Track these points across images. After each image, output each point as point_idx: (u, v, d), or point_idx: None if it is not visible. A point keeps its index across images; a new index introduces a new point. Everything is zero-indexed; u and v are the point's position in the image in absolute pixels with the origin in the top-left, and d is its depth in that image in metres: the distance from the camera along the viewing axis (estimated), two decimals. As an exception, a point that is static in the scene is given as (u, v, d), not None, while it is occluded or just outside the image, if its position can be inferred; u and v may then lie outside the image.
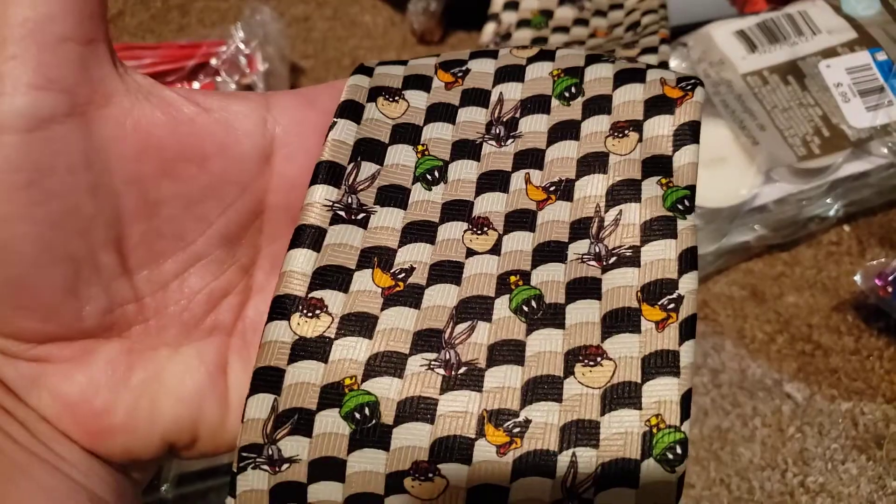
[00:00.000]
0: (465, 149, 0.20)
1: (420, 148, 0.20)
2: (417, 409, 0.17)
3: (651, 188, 0.18)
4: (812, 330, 0.43)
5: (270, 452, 0.17)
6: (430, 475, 0.16)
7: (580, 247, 0.18)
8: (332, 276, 0.18)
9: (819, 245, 0.46)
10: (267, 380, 0.17)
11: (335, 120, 0.19)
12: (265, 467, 0.17)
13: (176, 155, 0.18)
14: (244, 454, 0.17)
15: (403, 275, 0.18)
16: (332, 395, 0.17)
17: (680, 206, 0.18)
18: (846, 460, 0.39)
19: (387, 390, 0.17)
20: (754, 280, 0.45)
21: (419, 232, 0.19)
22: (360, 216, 0.19)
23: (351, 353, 0.17)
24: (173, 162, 0.18)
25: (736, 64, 0.45)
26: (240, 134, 0.19)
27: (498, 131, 0.20)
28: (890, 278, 0.40)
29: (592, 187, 0.19)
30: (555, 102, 0.20)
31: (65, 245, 0.17)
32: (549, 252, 0.18)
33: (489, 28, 0.50)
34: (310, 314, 0.18)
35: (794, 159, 0.42)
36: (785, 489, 0.38)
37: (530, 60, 0.21)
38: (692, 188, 0.18)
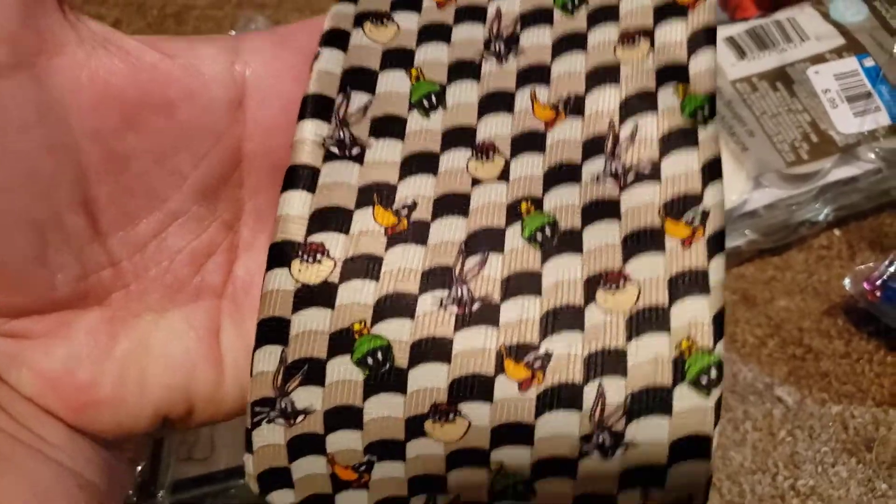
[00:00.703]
0: (464, 70, 0.19)
1: (414, 72, 0.19)
2: (432, 350, 0.16)
3: (667, 98, 0.17)
4: (803, 334, 0.43)
5: (283, 405, 0.16)
6: (451, 416, 0.15)
7: (595, 166, 0.17)
8: (331, 218, 0.17)
9: (810, 249, 0.46)
10: (272, 331, 0.16)
11: (319, 50, 0.18)
12: (280, 421, 0.16)
13: (139, 104, 0.17)
14: (257, 409, 0.16)
15: (406, 211, 0.17)
16: (341, 341, 0.16)
17: (700, 115, 0.17)
18: (836, 463, 0.39)
19: (399, 333, 0.16)
20: (745, 284, 0.45)
21: (420, 164, 0.18)
22: (355, 151, 0.18)
23: (358, 296, 0.17)
24: (137, 112, 0.17)
25: (725, 70, 0.45)
26: (207, 79, 0.18)
27: (498, 48, 0.19)
28: (878, 282, 0.40)
29: (604, 101, 0.17)
30: (557, 13, 0.19)
31: (26, 210, 0.16)
32: (562, 174, 0.17)
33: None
34: (311, 259, 0.17)
35: (783, 165, 0.42)
36: (776, 493, 0.39)
37: None
38: (712, 94, 0.17)
